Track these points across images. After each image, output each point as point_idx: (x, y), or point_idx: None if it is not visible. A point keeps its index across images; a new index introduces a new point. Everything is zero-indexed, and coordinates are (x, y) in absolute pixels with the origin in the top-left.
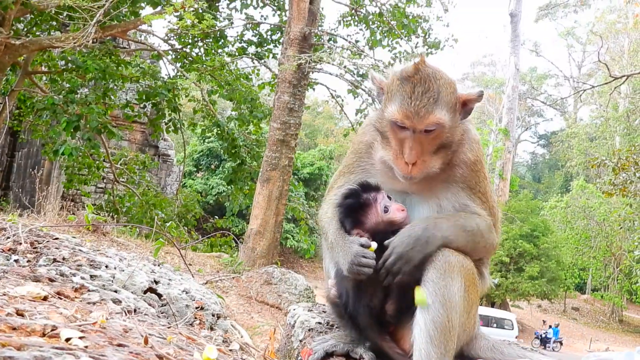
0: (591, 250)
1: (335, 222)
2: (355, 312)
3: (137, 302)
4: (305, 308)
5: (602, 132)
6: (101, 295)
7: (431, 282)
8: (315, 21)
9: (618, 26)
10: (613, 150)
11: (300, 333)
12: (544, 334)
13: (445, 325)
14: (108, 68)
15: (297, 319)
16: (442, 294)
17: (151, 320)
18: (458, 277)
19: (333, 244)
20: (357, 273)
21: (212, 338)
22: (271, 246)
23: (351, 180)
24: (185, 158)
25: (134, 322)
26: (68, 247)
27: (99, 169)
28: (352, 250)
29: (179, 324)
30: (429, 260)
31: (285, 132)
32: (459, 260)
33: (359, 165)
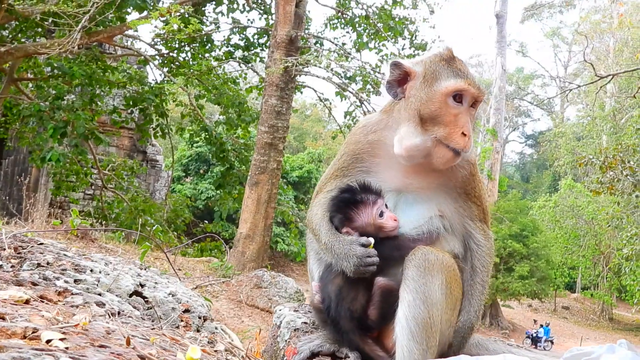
0: (580, 249)
1: (326, 222)
2: (337, 317)
3: (121, 305)
4: (291, 308)
5: (589, 131)
6: (85, 299)
7: (411, 280)
8: (302, 24)
9: (603, 26)
10: (600, 148)
11: (286, 333)
12: (535, 333)
13: (427, 322)
14: (94, 74)
15: (283, 320)
16: (422, 292)
17: (135, 322)
18: (439, 275)
19: (328, 245)
20: (363, 273)
21: (197, 339)
22: (261, 250)
23: (343, 183)
24: (173, 163)
25: (117, 324)
26: (53, 252)
27: (87, 175)
28: (357, 252)
29: (163, 326)
30: (409, 258)
31: (274, 136)
32: (439, 257)
33: (355, 167)
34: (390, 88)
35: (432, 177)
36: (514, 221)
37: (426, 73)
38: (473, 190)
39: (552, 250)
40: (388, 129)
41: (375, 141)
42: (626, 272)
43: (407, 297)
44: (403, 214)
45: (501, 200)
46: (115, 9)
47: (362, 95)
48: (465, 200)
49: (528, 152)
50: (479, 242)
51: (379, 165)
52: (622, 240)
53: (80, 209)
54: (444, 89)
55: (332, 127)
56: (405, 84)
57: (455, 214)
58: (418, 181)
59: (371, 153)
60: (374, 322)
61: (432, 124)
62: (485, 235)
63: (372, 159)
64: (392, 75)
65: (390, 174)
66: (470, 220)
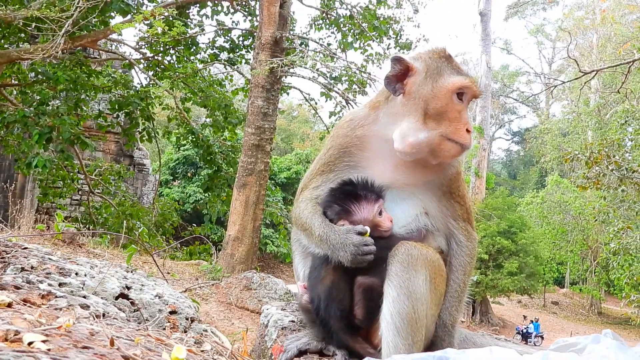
0: (568, 244)
1: (319, 215)
2: (327, 317)
3: (106, 307)
4: (278, 307)
5: (575, 127)
6: (69, 301)
7: (395, 276)
8: (286, 25)
9: (586, 22)
10: (585, 144)
11: (274, 332)
12: (525, 329)
13: (412, 317)
14: (79, 79)
15: (270, 319)
16: (406, 287)
17: (120, 323)
18: (422, 270)
19: (323, 236)
20: (361, 262)
21: (184, 340)
22: (250, 252)
23: (330, 179)
24: (160, 167)
25: (101, 326)
26: (37, 256)
27: (74, 180)
28: (354, 240)
29: (149, 327)
30: (392, 254)
31: (260, 137)
32: (422, 252)
33: (342, 161)
34: (390, 83)
35: (420, 174)
36: (502, 218)
37: (428, 69)
38: (457, 189)
39: (540, 246)
40: (377, 124)
41: (363, 136)
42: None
43: (391, 293)
44: (390, 212)
45: (489, 197)
46: (98, 13)
47: (348, 95)
48: (449, 199)
49: (514, 149)
50: (460, 242)
51: (367, 160)
52: (609, 235)
53: (68, 215)
54: (450, 85)
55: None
56: (405, 79)
57: (438, 212)
58: (406, 177)
59: (359, 147)
60: (361, 321)
61: (436, 120)
62: (467, 235)
63: (360, 154)
64: (392, 70)
65: (379, 169)
66: (453, 219)
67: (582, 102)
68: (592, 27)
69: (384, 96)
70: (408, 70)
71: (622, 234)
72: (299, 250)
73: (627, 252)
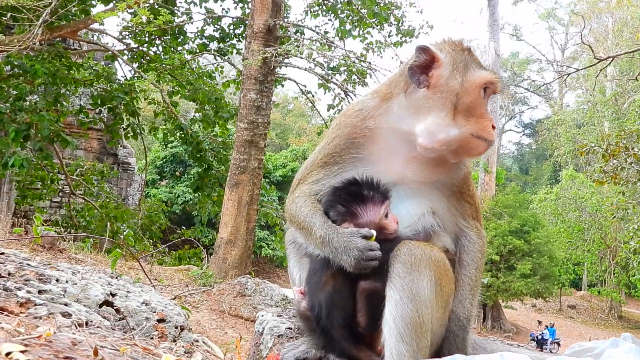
0: (585, 243)
1: (320, 214)
2: (329, 325)
3: (89, 315)
4: (274, 314)
5: (590, 117)
6: (49, 309)
7: (397, 277)
8: (280, 12)
9: (601, 5)
10: (602, 135)
11: (270, 340)
12: (539, 335)
13: (416, 321)
14: (58, 72)
15: (265, 326)
16: (409, 289)
17: (104, 332)
18: (427, 270)
19: (326, 238)
20: (365, 268)
21: (173, 349)
22: (244, 255)
23: (334, 172)
24: (147, 165)
25: (84, 335)
26: (15, 261)
27: (54, 181)
28: (358, 244)
29: (135, 336)
30: (394, 255)
31: (253, 132)
32: (426, 252)
33: (349, 152)
34: (414, 75)
35: (432, 171)
36: (513, 216)
37: (454, 62)
38: (467, 189)
39: (555, 246)
40: (389, 116)
41: (373, 128)
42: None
43: (394, 296)
44: (395, 210)
45: (499, 194)
46: (78, 2)
47: (347, 87)
48: (458, 198)
49: (526, 142)
50: (471, 239)
51: (376, 154)
52: (629, 233)
53: (48, 218)
54: (478, 80)
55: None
56: (429, 71)
57: (447, 212)
58: (416, 174)
59: (369, 139)
60: (364, 328)
61: (465, 115)
62: (478, 233)
63: (369, 146)
64: (417, 60)
65: (388, 164)
66: (462, 219)
67: (597, 91)
68: (607, 11)
69: (399, 87)
70: (433, 61)
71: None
72: (295, 252)
73: None
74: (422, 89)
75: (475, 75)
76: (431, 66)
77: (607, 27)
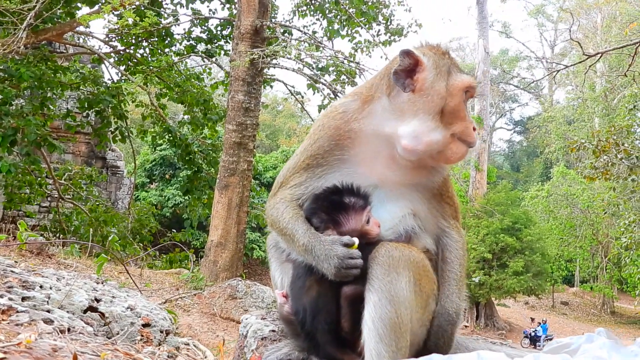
0: (577, 239)
1: (302, 221)
2: (313, 330)
3: (72, 321)
4: (258, 316)
5: (580, 114)
6: (31, 316)
7: (376, 279)
8: (267, 13)
9: (589, 1)
10: (592, 132)
11: (253, 343)
12: (533, 332)
13: (395, 322)
14: (44, 75)
15: (249, 329)
16: (387, 290)
17: (86, 338)
18: (405, 271)
19: (309, 246)
20: (346, 276)
21: (155, 354)
22: (234, 258)
23: (317, 174)
24: (136, 169)
25: (65, 341)
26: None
27: (42, 186)
28: (338, 252)
29: (117, 341)
30: (372, 256)
31: (242, 134)
32: (405, 253)
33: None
34: (399, 79)
35: (413, 174)
36: (505, 214)
37: (437, 66)
38: (447, 190)
39: (547, 243)
40: (372, 119)
41: (357, 130)
42: (626, 263)
43: (372, 298)
44: (376, 213)
45: (490, 192)
46: (63, 4)
47: (336, 87)
48: (439, 200)
49: (517, 140)
50: (453, 238)
51: (359, 157)
52: (620, 228)
53: (36, 223)
54: (460, 83)
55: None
56: (414, 75)
57: (428, 213)
58: (397, 177)
59: (352, 142)
60: (348, 333)
61: (450, 118)
62: (458, 232)
63: (353, 149)
64: (402, 64)
65: (370, 166)
66: (443, 219)
67: (587, 87)
68: (596, 7)
69: (380, 90)
70: (417, 65)
71: (634, 227)
72: (276, 255)
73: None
74: (406, 93)
75: (458, 79)
76: (415, 70)
77: (596, 23)
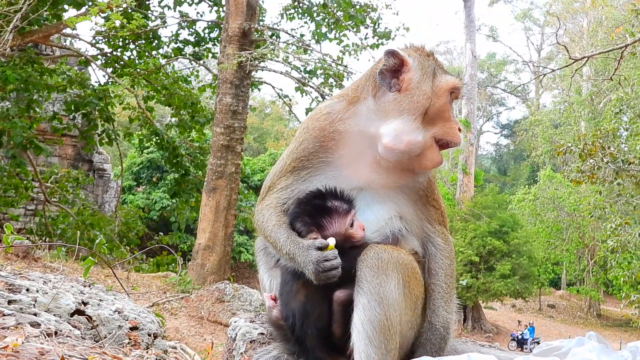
0: (563, 243)
1: (285, 228)
2: (303, 335)
3: (59, 325)
4: (247, 319)
5: (567, 117)
6: (17, 320)
7: (365, 281)
8: (255, 15)
9: (576, 5)
10: (579, 135)
11: (242, 346)
12: (520, 335)
13: (384, 324)
14: (30, 78)
15: (238, 331)
16: (377, 292)
17: (74, 342)
18: (394, 273)
19: (291, 254)
20: (327, 279)
21: (143, 357)
22: (222, 261)
23: (303, 177)
24: (123, 172)
25: (52, 345)
26: None
27: (27, 189)
28: (312, 257)
29: (105, 344)
30: (361, 259)
31: (230, 137)
32: (393, 255)
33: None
34: (384, 79)
35: (398, 176)
36: (492, 217)
37: (423, 66)
38: (432, 193)
39: (534, 246)
40: (357, 120)
41: (342, 131)
42: (612, 265)
43: (361, 300)
44: (362, 215)
45: (478, 195)
46: (50, 6)
47: (324, 90)
48: (424, 203)
49: (504, 143)
50: (438, 245)
51: (343, 159)
52: (607, 232)
53: (22, 227)
54: (446, 84)
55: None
56: (400, 75)
57: (414, 216)
58: (383, 178)
59: (337, 143)
60: (338, 339)
61: (433, 119)
62: (445, 239)
63: (338, 150)
64: (386, 64)
65: (355, 168)
66: (429, 223)
67: (573, 91)
68: (582, 11)
69: (366, 91)
70: (402, 65)
71: (620, 231)
72: (264, 259)
73: (626, 250)
74: (392, 93)
75: (444, 80)
76: (401, 70)
77: (582, 28)
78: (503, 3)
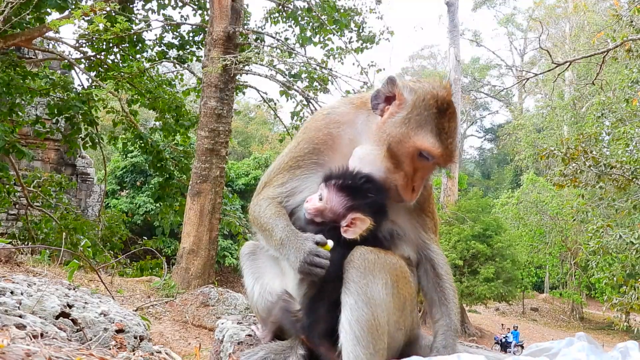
0: (546, 246)
1: (284, 218)
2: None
3: (45, 327)
4: (234, 321)
5: (549, 121)
6: (2, 321)
7: (352, 282)
8: (240, 19)
9: (558, 11)
10: (561, 139)
11: (229, 347)
12: (504, 338)
13: (372, 324)
14: (13, 81)
15: (225, 333)
16: (364, 293)
17: (60, 343)
18: (381, 274)
19: (284, 240)
20: (309, 273)
21: (130, 359)
22: (206, 265)
23: (297, 175)
24: (106, 176)
25: (38, 346)
26: None
27: (10, 193)
28: (306, 247)
29: (92, 346)
30: (347, 260)
31: (215, 141)
32: (380, 256)
33: (310, 158)
34: (376, 97)
35: None
36: (476, 221)
37: (412, 112)
38: (429, 204)
39: (517, 250)
40: (353, 127)
41: (335, 136)
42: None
43: (348, 301)
44: None
45: (462, 199)
46: (33, 9)
47: (308, 94)
48: (419, 213)
49: (488, 147)
50: (437, 252)
51: (332, 163)
52: (588, 234)
53: (4, 232)
54: (417, 144)
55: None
56: (390, 102)
57: (409, 224)
58: None
59: (329, 146)
60: None
61: (394, 163)
62: (439, 247)
63: (329, 154)
64: (383, 88)
65: None
66: (424, 231)
67: (556, 95)
68: (565, 16)
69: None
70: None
71: (602, 233)
72: (249, 264)
73: (607, 252)
74: (376, 116)
75: (418, 138)
76: (391, 99)
77: (565, 33)
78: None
